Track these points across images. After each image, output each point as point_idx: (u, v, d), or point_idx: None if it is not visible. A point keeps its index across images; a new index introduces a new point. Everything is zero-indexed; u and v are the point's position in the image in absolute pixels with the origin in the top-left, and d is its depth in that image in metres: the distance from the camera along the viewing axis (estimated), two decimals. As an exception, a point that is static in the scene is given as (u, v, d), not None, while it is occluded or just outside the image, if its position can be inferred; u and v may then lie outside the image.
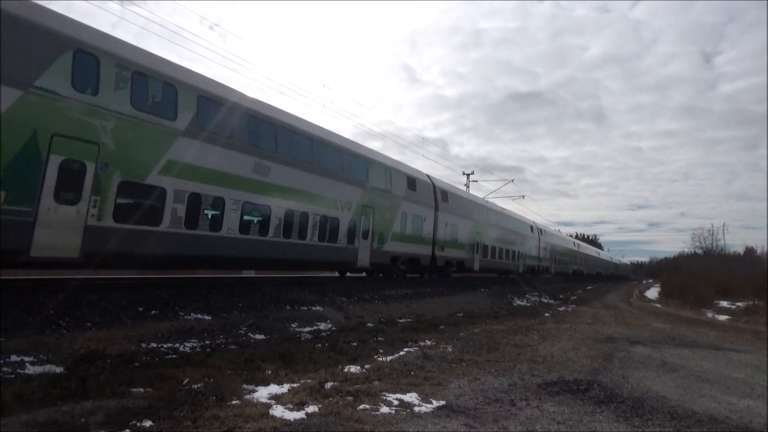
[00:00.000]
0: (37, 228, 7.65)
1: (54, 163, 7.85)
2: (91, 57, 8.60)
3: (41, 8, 8.18)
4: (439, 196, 22.26)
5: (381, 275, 18.92)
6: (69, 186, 8.10)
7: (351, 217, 15.84)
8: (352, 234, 15.87)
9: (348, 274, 18.72)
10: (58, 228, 7.93)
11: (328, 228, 14.68)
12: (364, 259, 16.70)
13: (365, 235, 16.67)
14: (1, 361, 5.17)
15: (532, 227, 38.41)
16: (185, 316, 8.25)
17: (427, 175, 22.35)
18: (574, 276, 53.78)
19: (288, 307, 10.42)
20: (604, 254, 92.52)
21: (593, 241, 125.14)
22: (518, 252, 33.63)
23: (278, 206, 12.69)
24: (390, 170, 18.62)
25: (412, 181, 20.08)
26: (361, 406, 4.62)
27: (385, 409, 4.61)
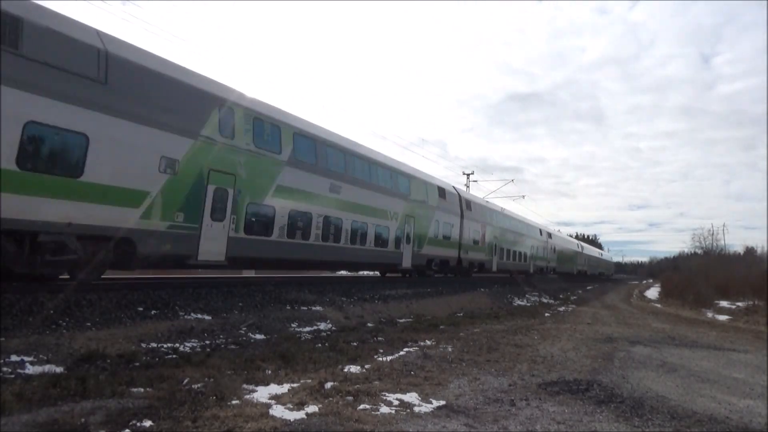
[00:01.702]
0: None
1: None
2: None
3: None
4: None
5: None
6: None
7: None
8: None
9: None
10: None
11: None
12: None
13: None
14: (1, 361, 5.17)
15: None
16: (185, 316, 8.25)
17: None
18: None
19: (288, 307, 10.42)
20: (606, 255, 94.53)
21: (593, 241, 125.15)
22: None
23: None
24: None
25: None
26: (361, 406, 4.62)
27: (385, 409, 4.61)
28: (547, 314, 16.60)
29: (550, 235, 44.82)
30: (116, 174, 8.62)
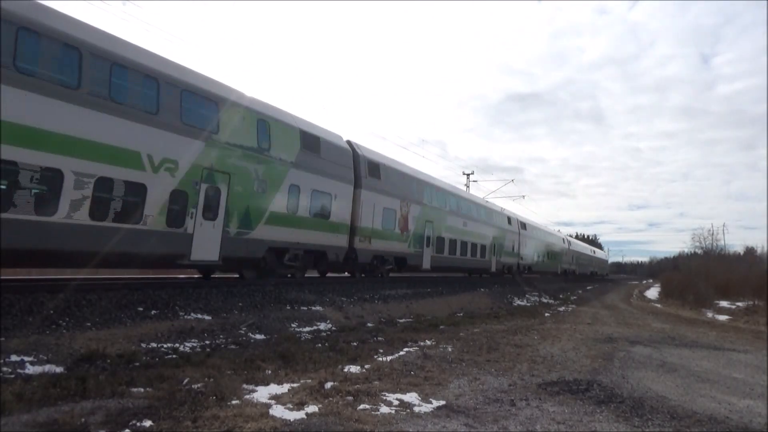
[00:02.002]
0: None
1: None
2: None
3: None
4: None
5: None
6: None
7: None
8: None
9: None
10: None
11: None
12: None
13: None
14: (1, 361, 5.17)
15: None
16: (185, 316, 8.25)
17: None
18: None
19: (288, 307, 10.42)
20: (599, 253, 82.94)
21: (593, 241, 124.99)
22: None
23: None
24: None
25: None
26: (361, 406, 4.62)
27: (385, 409, 4.61)
28: (547, 314, 16.60)
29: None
30: None
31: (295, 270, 13.83)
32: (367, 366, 6.44)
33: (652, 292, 42.00)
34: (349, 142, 16.45)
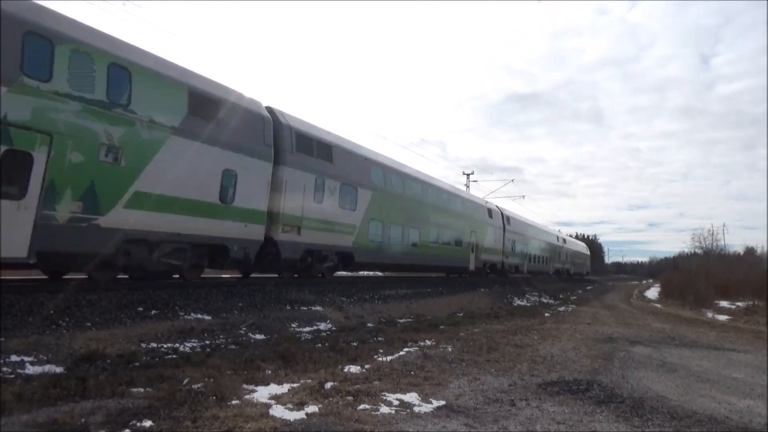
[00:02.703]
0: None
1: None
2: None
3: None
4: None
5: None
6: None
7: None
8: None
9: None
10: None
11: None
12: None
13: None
14: (1, 361, 5.17)
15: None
16: (185, 316, 8.25)
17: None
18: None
19: (288, 307, 10.42)
20: (578, 245, 63.17)
21: (593, 241, 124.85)
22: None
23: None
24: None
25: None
26: (361, 406, 4.62)
27: (385, 409, 4.61)
28: (547, 314, 16.60)
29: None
30: None
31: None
32: (367, 366, 6.44)
33: (652, 292, 42.01)
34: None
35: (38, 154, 7.44)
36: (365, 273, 21.61)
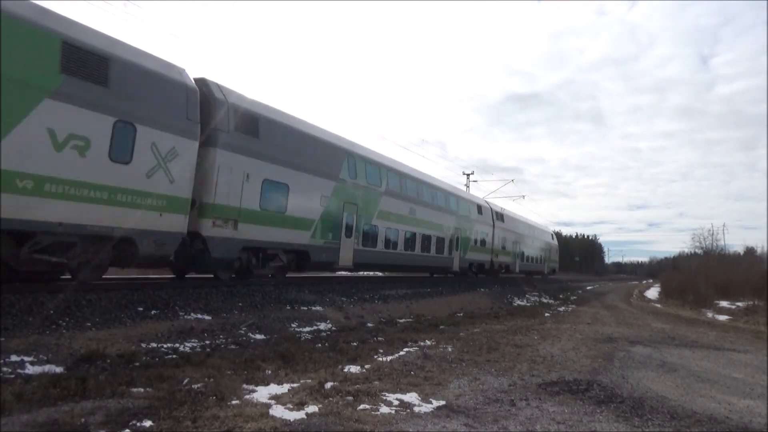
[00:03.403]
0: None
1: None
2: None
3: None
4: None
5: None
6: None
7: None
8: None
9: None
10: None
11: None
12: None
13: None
14: (1, 361, 5.17)
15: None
16: (185, 316, 8.25)
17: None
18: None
19: (288, 307, 10.42)
20: (539, 228, 52.02)
21: (593, 241, 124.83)
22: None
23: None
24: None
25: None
26: (361, 406, 4.62)
27: (385, 409, 4.61)
28: (547, 314, 16.60)
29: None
30: None
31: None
32: (367, 366, 6.44)
33: (652, 292, 42.00)
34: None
35: None
36: (365, 273, 21.62)
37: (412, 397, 5.06)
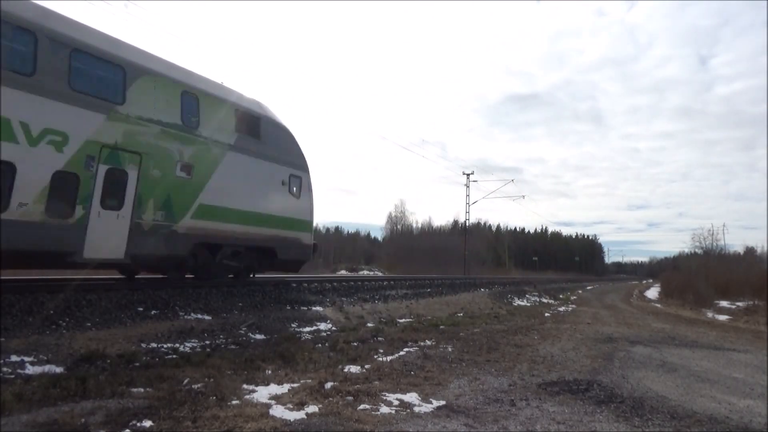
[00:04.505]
0: None
1: None
2: None
3: None
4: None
5: None
6: None
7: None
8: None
9: None
10: None
11: None
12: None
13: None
14: (1, 361, 5.17)
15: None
16: (185, 316, 8.25)
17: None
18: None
19: (288, 307, 10.43)
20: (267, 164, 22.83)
21: (593, 241, 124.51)
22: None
23: None
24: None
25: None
26: (361, 406, 4.62)
27: (385, 409, 4.61)
28: (547, 314, 16.60)
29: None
30: None
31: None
32: (367, 366, 6.44)
33: (652, 292, 42.01)
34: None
35: None
36: (365, 273, 21.60)
37: (412, 397, 5.06)
